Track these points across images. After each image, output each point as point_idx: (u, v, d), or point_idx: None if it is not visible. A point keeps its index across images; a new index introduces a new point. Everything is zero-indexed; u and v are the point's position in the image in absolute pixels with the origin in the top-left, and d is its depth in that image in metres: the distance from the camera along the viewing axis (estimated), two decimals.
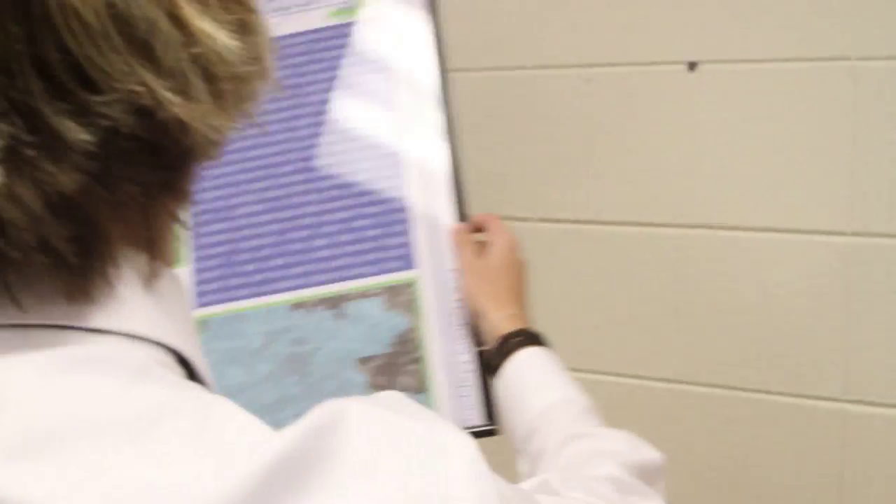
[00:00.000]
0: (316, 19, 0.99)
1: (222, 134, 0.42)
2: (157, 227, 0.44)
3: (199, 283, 0.92)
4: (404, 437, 0.39)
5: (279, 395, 0.88)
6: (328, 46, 0.98)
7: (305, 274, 0.91)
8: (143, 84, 0.37)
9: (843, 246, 1.07)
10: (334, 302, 0.90)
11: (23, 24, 0.35)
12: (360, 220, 0.92)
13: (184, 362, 0.44)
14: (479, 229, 0.91)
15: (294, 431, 0.37)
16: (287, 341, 0.89)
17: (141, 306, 0.41)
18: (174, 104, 0.38)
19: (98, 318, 0.40)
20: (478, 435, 0.84)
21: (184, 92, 0.39)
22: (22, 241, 0.37)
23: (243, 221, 0.93)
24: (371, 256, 0.91)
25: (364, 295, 0.90)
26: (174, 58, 0.38)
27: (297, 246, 0.92)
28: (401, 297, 0.89)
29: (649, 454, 0.73)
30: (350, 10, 0.98)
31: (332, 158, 0.94)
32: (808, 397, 1.11)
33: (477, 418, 0.84)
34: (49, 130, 0.36)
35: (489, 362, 0.84)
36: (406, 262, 0.90)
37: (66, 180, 0.37)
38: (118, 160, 0.38)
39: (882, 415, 1.08)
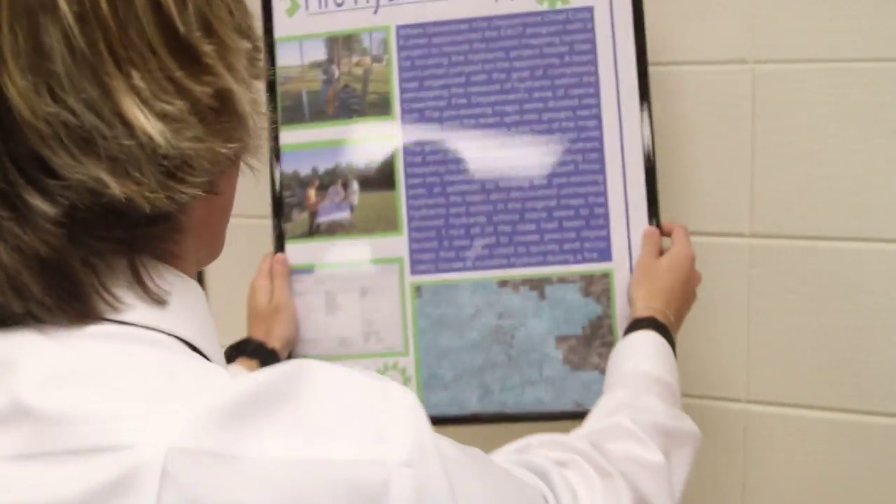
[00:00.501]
0: (527, 3, 1.03)
1: (175, 200, 0.50)
2: (146, 261, 0.52)
3: (413, 252, 1.05)
4: (356, 384, 0.50)
5: (485, 360, 1.03)
6: (537, 33, 1.03)
7: (512, 255, 1.03)
8: (88, 174, 0.47)
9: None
10: (536, 283, 1.02)
11: None
12: (563, 210, 1.02)
13: (196, 350, 0.54)
14: (667, 235, 1.01)
15: (269, 373, 0.48)
16: (494, 314, 1.03)
17: (147, 316, 0.51)
18: (117, 187, 0.48)
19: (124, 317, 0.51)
20: None
21: (126, 174, 0.48)
22: (3, 289, 0.49)
23: (456, 199, 1.04)
24: (572, 246, 1.02)
25: (563, 280, 1.02)
26: (115, 149, 0.47)
27: (505, 228, 1.03)
28: (596, 285, 1.01)
29: (682, 423, 0.83)
30: None
31: (537, 147, 1.02)
32: (712, 398, 1.14)
33: None
34: (22, 205, 0.48)
35: None
36: (603, 254, 1.01)
37: (38, 243, 0.48)
38: (82, 226, 0.48)
39: (784, 415, 1.11)
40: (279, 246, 1.07)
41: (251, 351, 1.01)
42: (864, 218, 1.05)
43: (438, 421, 0.98)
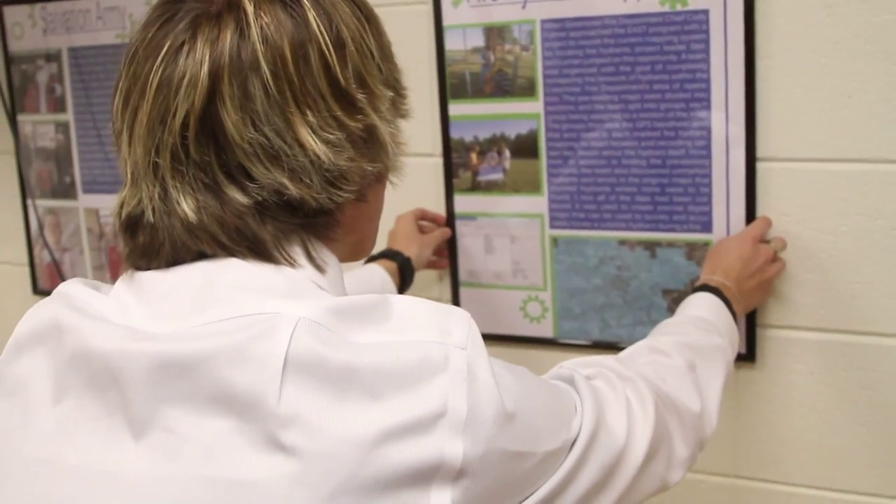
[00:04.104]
0: (650, 4, 1.17)
1: (334, 201, 0.68)
2: (313, 241, 0.70)
3: (552, 210, 1.29)
4: (426, 304, 0.66)
5: (605, 301, 1.28)
6: (658, 32, 1.17)
7: (629, 220, 1.24)
8: (275, 179, 0.66)
9: None
10: (649, 245, 1.24)
11: (213, 147, 0.66)
12: (674, 187, 1.20)
13: None
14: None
15: (365, 296, 0.66)
16: (614, 266, 1.26)
17: (313, 275, 0.69)
18: (294, 189, 0.66)
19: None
20: (738, 358, 1.20)
21: (300, 181, 0.67)
22: (212, 246, 0.67)
23: (586, 171, 1.25)
24: (679, 217, 1.21)
25: (671, 244, 1.22)
26: (294, 163, 0.66)
27: (625, 198, 1.24)
28: (698, 252, 1.21)
29: (709, 340, 0.97)
30: None
31: (654, 132, 1.20)
32: None
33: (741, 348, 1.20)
34: (224, 197, 0.66)
35: None
36: (705, 226, 1.20)
37: (235, 219, 0.66)
38: (267, 212, 0.67)
39: None
40: (449, 200, 1.35)
41: (392, 254, 1.27)
42: None
43: (569, 346, 1.27)
